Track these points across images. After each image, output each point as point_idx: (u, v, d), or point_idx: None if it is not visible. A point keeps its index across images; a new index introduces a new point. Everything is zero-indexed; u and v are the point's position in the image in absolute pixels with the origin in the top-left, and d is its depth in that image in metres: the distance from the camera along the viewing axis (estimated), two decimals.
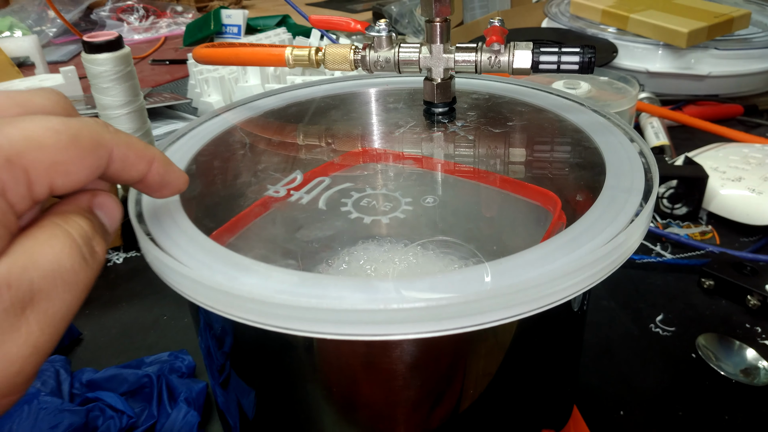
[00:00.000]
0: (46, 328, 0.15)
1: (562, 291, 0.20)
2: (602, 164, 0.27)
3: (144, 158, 0.19)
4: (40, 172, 0.15)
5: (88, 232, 0.17)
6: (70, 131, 0.16)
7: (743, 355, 0.39)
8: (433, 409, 0.26)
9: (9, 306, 0.14)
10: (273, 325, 0.20)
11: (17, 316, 0.14)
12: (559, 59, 0.31)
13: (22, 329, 0.14)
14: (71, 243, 0.16)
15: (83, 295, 0.16)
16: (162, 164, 0.20)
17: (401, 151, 0.31)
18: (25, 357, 0.15)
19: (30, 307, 0.15)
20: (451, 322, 0.19)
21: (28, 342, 0.15)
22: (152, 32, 1.26)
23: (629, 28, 0.80)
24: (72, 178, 0.16)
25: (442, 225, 0.27)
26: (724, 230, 0.53)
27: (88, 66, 0.51)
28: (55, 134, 0.16)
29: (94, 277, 0.17)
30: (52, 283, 0.15)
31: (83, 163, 0.16)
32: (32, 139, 0.15)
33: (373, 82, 0.39)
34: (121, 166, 0.18)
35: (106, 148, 0.17)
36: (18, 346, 0.14)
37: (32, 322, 0.15)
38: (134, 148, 0.19)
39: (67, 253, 0.16)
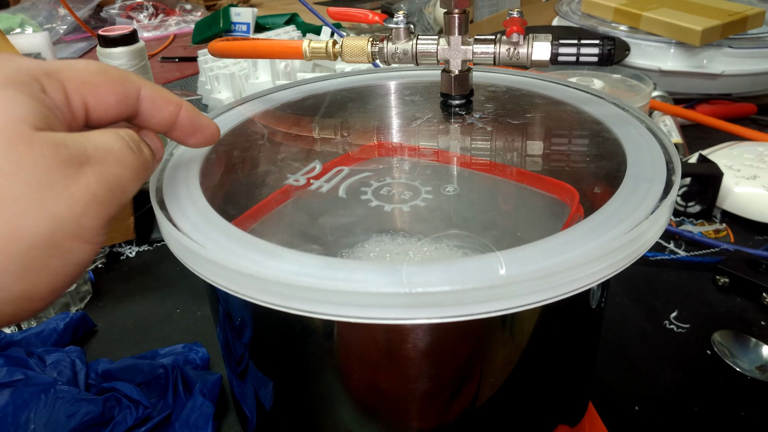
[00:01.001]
0: (102, 183, 0.18)
1: (585, 278, 0.20)
2: (622, 155, 0.27)
3: (171, 101, 0.22)
4: (73, 86, 0.19)
5: (134, 137, 0.20)
6: (101, 66, 0.20)
7: (759, 351, 0.39)
8: (452, 398, 0.26)
9: (68, 158, 0.17)
10: (297, 308, 0.20)
11: (77, 167, 0.17)
12: (579, 51, 0.31)
13: (81, 179, 0.18)
14: (119, 136, 0.20)
15: (135, 177, 0.20)
16: (191, 111, 0.23)
17: (418, 143, 0.32)
18: (87, 201, 0.18)
19: (87, 164, 0.18)
20: (475, 307, 0.19)
21: (89, 189, 0.18)
22: (161, 30, 1.27)
23: (642, 26, 0.80)
24: (102, 99, 0.20)
25: (457, 218, 0.27)
26: (738, 228, 0.53)
27: (103, 60, 0.51)
28: (86, 64, 0.20)
29: (142, 167, 0.20)
30: (104, 154, 0.19)
31: (111, 88, 0.20)
32: (68, 64, 0.20)
33: (388, 75, 0.39)
34: (151, 104, 0.21)
35: (134, 85, 0.21)
36: (80, 191, 0.17)
37: (89, 175, 0.18)
38: (161, 91, 0.22)
39: (115, 139, 0.19)
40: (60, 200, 0.17)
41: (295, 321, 0.25)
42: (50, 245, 0.17)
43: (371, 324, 0.23)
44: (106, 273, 0.52)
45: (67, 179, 0.17)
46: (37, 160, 0.17)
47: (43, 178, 0.17)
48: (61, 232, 0.17)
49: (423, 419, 0.26)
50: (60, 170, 0.17)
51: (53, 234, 0.17)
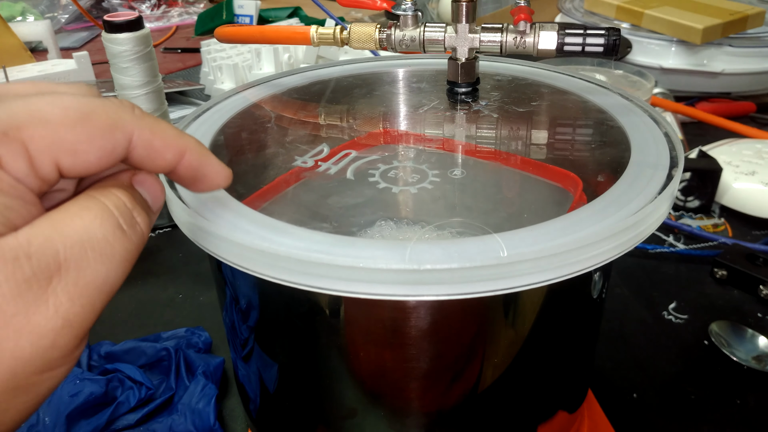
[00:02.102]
0: (77, 299, 0.14)
1: (589, 259, 0.20)
2: (626, 143, 0.27)
3: (172, 147, 0.17)
4: (41, 148, 0.14)
5: (126, 203, 0.16)
6: (82, 109, 0.15)
7: (755, 342, 0.40)
8: (454, 379, 0.26)
9: (31, 276, 0.13)
10: (307, 284, 0.20)
11: (42, 287, 0.14)
12: (584, 41, 0.31)
13: (49, 301, 0.14)
14: (104, 213, 0.15)
15: (123, 267, 0.16)
16: (196, 155, 0.18)
17: (424, 130, 0.32)
18: (56, 330, 0.14)
19: (57, 277, 0.14)
20: (481, 285, 0.20)
21: (58, 314, 0.14)
22: (164, 21, 1.26)
23: (643, 24, 0.80)
24: (81, 158, 0.15)
25: (460, 206, 0.28)
26: (737, 223, 0.54)
27: (108, 45, 0.51)
28: (62, 111, 0.15)
29: (135, 248, 0.16)
30: (80, 253, 0.14)
31: (93, 143, 0.15)
32: (35, 113, 0.15)
33: (395, 63, 0.39)
34: (145, 152, 0.17)
35: (125, 131, 0.16)
36: (47, 319, 0.14)
37: (60, 293, 0.14)
38: (161, 134, 0.17)
39: (98, 223, 0.15)
40: (21, 337, 0.13)
41: (302, 301, 0.25)
42: (12, 388, 0.14)
43: (378, 302, 0.23)
44: None
45: (30, 306, 0.14)
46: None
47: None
48: (25, 372, 0.14)
49: (426, 399, 0.27)
50: (21, 296, 0.13)
51: (14, 377, 0.14)
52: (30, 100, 0.15)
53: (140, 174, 0.18)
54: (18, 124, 0.14)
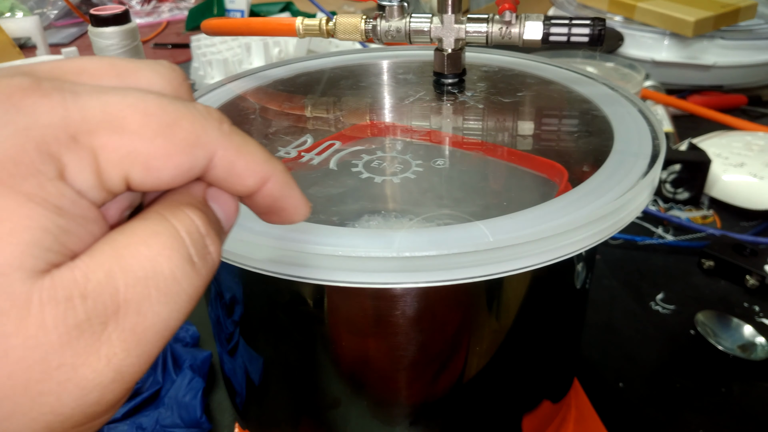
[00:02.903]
0: (133, 348, 0.12)
1: (569, 245, 0.20)
2: (610, 133, 0.27)
3: (256, 172, 0.15)
4: (112, 160, 0.12)
5: (201, 229, 0.14)
6: (166, 118, 0.13)
7: (741, 331, 0.40)
8: (437, 369, 0.26)
9: (84, 321, 0.11)
10: (287, 274, 0.20)
11: (95, 334, 0.11)
12: (570, 31, 0.31)
13: (102, 351, 0.12)
14: (175, 242, 0.13)
15: (188, 307, 0.13)
16: (279, 185, 0.15)
17: (409, 121, 0.32)
18: (104, 385, 0.12)
19: (113, 322, 0.12)
20: (461, 271, 0.20)
21: (110, 366, 0.12)
22: (154, 16, 1.26)
23: (636, 17, 0.80)
24: (153, 174, 0.13)
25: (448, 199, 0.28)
26: (726, 215, 0.54)
27: (95, 40, 0.51)
28: (143, 118, 0.13)
29: (203, 285, 0.14)
30: (144, 293, 0.12)
31: (171, 160, 0.13)
32: (113, 117, 0.12)
33: (382, 54, 0.39)
34: (224, 174, 0.14)
35: (207, 150, 0.14)
36: (96, 372, 0.12)
37: (115, 342, 0.12)
38: (246, 156, 0.14)
39: (167, 255, 0.13)
40: (64, 392, 0.11)
41: (285, 292, 0.25)
42: None
43: (359, 291, 0.23)
44: None
45: (79, 356, 0.11)
46: (32, 338, 0.11)
47: (39, 364, 0.11)
48: (62, 427, 0.12)
49: (410, 389, 0.27)
50: (69, 344, 0.11)
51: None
52: (107, 98, 0.13)
53: (212, 191, 0.15)
54: (91, 129, 0.12)
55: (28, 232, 0.11)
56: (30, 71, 0.13)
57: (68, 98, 0.12)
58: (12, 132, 0.11)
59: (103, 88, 0.13)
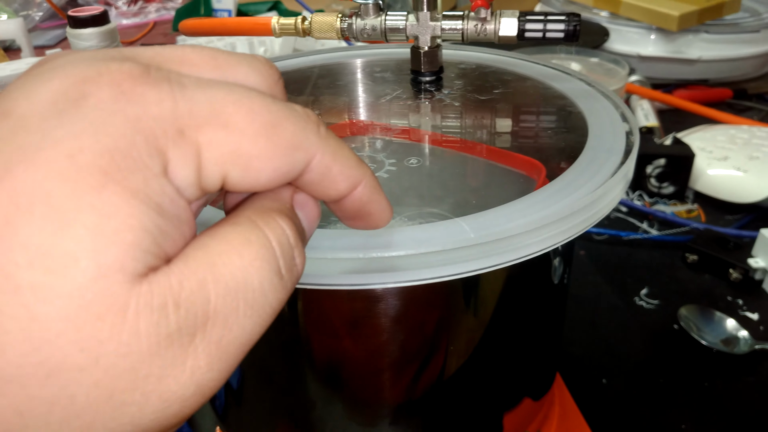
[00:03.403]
0: (216, 362, 0.11)
1: (540, 242, 0.20)
2: (586, 129, 0.27)
3: (349, 177, 0.14)
4: (215, 158, 0.12)
5: (291, 240, 0.13)
6: (270, 117, 0.12)
7: (724, 325, 0.40)
8: (411, 369, 0.26)
9: (175, 331, 0.11)
10: None
11: (184, 345, 0.11)
12: (545, 27, 0.31)
13: (187, 363, 0.11)
14: (267, 253, 0.12)
15: (269, 322, 0.13)
16: (369, 190, 0.15)
17: (386, 119, 0.32)
18: (186, 398, 0.11)
19: (201, 333, 0.11)
20: (431, 271, 0.19)
21: (193, 379, 0.11)
22: (141, 17, 1.25)
23: (621, 12, 0.80)
24: (252, 175, 0.12)
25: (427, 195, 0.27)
26: (710, 209, 0.54)
27: (74, 41, 0.51)
28: (248, 115, 0.12)
29: (287, 298, 0.13)
30: (232, 305, 0.11)
31: (271, 161, 0.12)
32: (220, 113, 0.12)
33: (360, 53, 0.39)
34: (318, 178, 0.14)
35: (307, 153, 0.13)
36: (179, 384, 0.11)
37: (201, 355, 0.11)
38: (341, 161, 0.14)
39: (258, 266, 0.12)
40: (147, 402, 0.11)
41: None
42: None
43: (331, 292, 0.23)
44: None
45: (165, 368, 0.11)
46: (124, 345, 0.10)
47: (128, 373, 0.11)
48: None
49: (388, 390, 0.27)
50: (158, 354, 0.11)
51: None
52: (214, 92, 0.12)
53: (300, 193, 0.15)
54: (199, 123, 0.12)
55: (131, 233, 0.10)
56: (134, 56, 0.12)
57: (176, 90, 0.12)
58: (122, 122, 0.11)
59: (207, 81, 0.12)
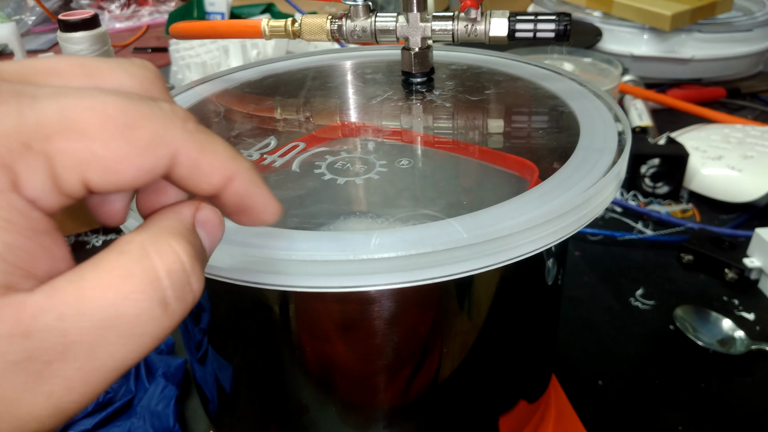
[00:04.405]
0: (77, 387, 0.12)
1: (532, 242, 0.20)
2: (578, 128, 0.27)
3: (221, 170, 0.14)
4: (68, 165, 0.12)
5: (186, 266, 0.13)
6: (125, 119, 0.13)
7: (720, 325, 0.40)
8: (405, 372, 0.26)
9: (24, 360, 0.11)
10: (245, 280, 0.20)
11: (36, 372, 0.11)
12: (535, 27, 0.31)
13: (42, 387, 0.11)
14: (149, 286, 0.12)
15: (149, 347, 0.12)
16: (246, 183, 0.15)
17: (377, 121, 0.31)
18: (43, 418, 0.11)
19: (58, 362, 0.11)
20: (424, 272, 0.19)
21: (48, 403, 0.11)
22: (134, 20, 1.24)
23: (614, 11, 0.80)
24: (112, 177, 0.13)
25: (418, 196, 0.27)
26: (705, 208, 0.54)
27: (64, 45, 0.50)
28: (101, 120, 0.12)
29: (174, 324, 0.13)
30: (98, 336, 0.12)
31: (131, 162, 0.13)
32: (69, 122, 0.12)
33: (351, 54, 0.39)
34: (188, 172, 0.14)
35: (169, 149, 0.13)
36: (33, 406, 0.11)
37: (57, 381, 0.11)
38: (210, 154, 0.14)
39: (136, 298, 0.12)
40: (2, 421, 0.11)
41: (250, 299, 0.25)
42: None
43: (323, 295, 0.23)
44: None
45: (17, 391, 0.11)
46: None
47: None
48: None
49: (381, 393, 0.26)
50: (7, 379, 0.11)
51: None
52: (67, 101, 0.12)
53: (205, 209, 0.15)
54: (47, 134, 0.12)
55: None
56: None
57: (25, 103, 0.12)
58: None
59: (64, 89, 0.13)
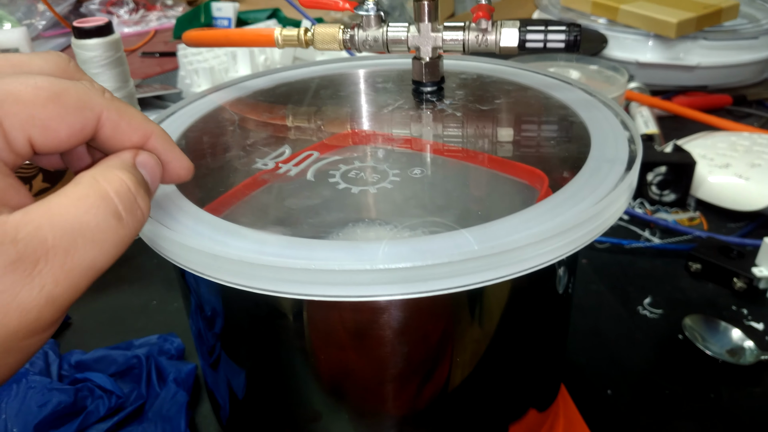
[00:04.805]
0: (62, 281, 0.15)
1: (544, 254, 0.20)
2: (588, 138, 0.27)
3: (138, 130, 0.19)
4: (15, 124, 0.16)
5: (130, 188, 0.17)
6: (53, 89, 0.17)
7: (729, 335, 0.40)
8: (418, 380, 0.26)
9: (16, 260, 0.15)
10: (261, 288, 0.20)
11: (27, 270, 0.15)
12: (546, 37, 0.31)
13: (35, 281, 0.15)
14: (101, 202, 0.16)
15: (114, 251, 0.17)
16: (161, 141, 0.19)
17: (388, 129, 0.32)
18: (40, 306, 0.15)
19: (43, 261, 0.15)
20: (436, 283, 0.19)
21: (42, 293, 0.15)
22: (142, 25, 1.25)
23: (619, 18, 0.80)
24: (51, 134, 0.17)
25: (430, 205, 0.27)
26: (712, 216, 0.54)
27: (78, 51, 0.51)
28: (34, 89, 0.16)
29: (130, 234, 0.17)
30: (70, 240, 0.15)
31: (64, 120, 0.17)
32: (9, 93, 0.16)
33: (362, 63, 0.39)
34: (111, 133, 0.18)
35: (94, 111, 0.17)
36: (31, 297, 0.15)
37: (46, 275, 0.15)
38: (128, 117, 0.18)
39: (93, 213, 0.16)
40: (9, 311, 0.15)
41: (264, 307, 0.25)
42: (2, 350, 0.15)
43: (337, 304, 0.23)
44: None
45: (16, 285, 0.15)
46: None
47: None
48: (12, 339, 0.15)
49: (393, 401, 0.26)
50: (7, 275, 0.15)
51: (3, 342, 0.15)
52: (4, 81, 0.16)
53: (142, 154, 0.19)
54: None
55: None
56: None
57: None
58: None
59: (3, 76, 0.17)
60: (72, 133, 0.17)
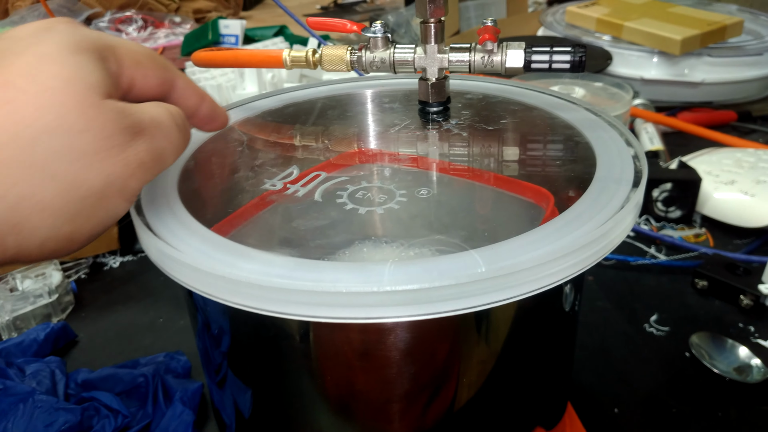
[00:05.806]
0: (150, 152, 0.21)
1: (551, 275, 0.20)
2: (594, 158, 0.27)
3: (198, 94, 0.26)
4: (127, 64, 0.22)
5: (181, 115, 0.23)
6: (149, 53, 0.23)
7: (736, 353, 0.40)
8: (426, 400, 0.26)
9: (128, 126, 0.20)
10: (270, 310, 0.20)
11: (132, 136, 0.20)
12: (551, 58, 0.31)
13: (134, 146, 0.20)
14: (168, 112, 0.23)
15: (175, 151, 0.23)
16: (211, 101, 0.26)
17: (396, 149, 0.32)
18: (135, 166, 0.21)
19: (140, 135, 0.21)
20: (444, 305, 0.19)
21: (138, 156, 0.21)
22: (150, 43, 1.27)
23: (624, 36, 0.81)
24: (146, 81, 0.23)
25: (437, 224, 0.28)
26: (718, 233, 0.54)
27: None
28: (140, 48, 0.23)
29: (183, 143, 0.23)
30: (155, 127, 0.21)
31: (156, 73, 0.23)
32: (123, 43, 0.23)
33: (368, 84, 0.40)
34: (182, 93, 0.25)
35: (173, 73, 0.24)
36: (132, 156, 0.20)
37: (140, 144, 0.21)
38: (191, 83, 0.25)
39: (165, 115, 0.22)
40: (115, 161, 0.20)
41: (272, 327, 0.25)
42: (100, 198, 0.20)
43: (344, 325, 0.23)
44: (89, 283, 0.51)
45: (124, 144, 0.20)
46: (103, 124, 0.19)
47: (106, 140, 0.20)
48: (110, 189, 0.20)
49: (400, 421, 0.26)
50: (120, 135, 0.20)
51: (105, 189, 0.20)
52: (116, 38, 0.22)
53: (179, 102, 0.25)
54: (115, 44, 0.22)
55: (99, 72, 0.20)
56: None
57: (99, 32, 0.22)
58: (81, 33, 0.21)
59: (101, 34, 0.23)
60: (159, 84, 0.23)
